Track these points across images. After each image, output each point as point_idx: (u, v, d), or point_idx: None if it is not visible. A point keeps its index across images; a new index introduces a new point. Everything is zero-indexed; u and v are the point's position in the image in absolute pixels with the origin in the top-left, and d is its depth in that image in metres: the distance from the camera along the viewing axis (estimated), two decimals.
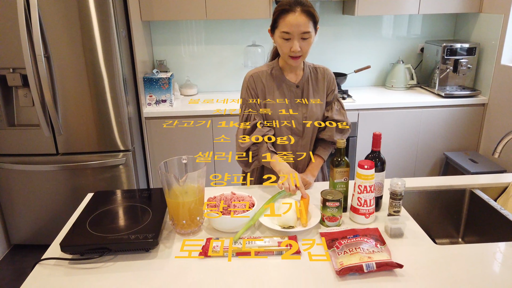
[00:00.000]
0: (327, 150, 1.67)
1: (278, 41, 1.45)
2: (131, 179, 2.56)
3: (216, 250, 1.17)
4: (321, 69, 1.61)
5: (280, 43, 1.45)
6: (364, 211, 1.30)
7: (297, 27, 1.39)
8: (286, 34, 1.41)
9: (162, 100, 2.73)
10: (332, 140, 1.62)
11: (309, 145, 1.63)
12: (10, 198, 2.54)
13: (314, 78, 1.59)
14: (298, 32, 1.40)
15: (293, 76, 1.57)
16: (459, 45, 2.86)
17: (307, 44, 1.44)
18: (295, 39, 1.41)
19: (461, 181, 1.61)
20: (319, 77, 1.60)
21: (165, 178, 1.23)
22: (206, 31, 3.05)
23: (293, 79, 1.57)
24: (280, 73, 1.56)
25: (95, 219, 1.28)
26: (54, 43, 2.24)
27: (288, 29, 1.40)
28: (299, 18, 1.38)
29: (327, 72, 1.61)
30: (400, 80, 3.10)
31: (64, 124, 2.40)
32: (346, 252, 1.12)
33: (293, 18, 1.38)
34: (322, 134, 1.64)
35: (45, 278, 1.10)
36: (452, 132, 2.89)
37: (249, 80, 1.55)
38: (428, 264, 1.12)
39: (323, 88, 1.60)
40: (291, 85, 1.56)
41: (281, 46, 1.45)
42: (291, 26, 1.39)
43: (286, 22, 1.39)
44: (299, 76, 1.57)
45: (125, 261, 1.15)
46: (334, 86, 1.63)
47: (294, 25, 1.39)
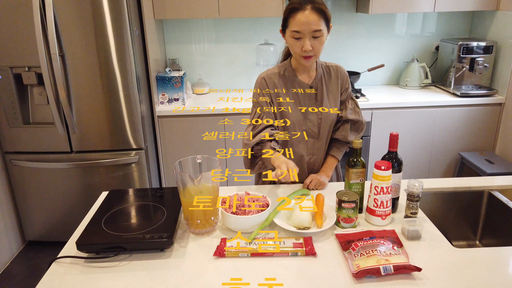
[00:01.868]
0: (341, 150, 1.64)
1: (289, 41, 1.42)
2: (143, 177, 2.57)
3: (230, 250, 1.17)
4: (334, 67, 1.58)
5: (291, 43, 1.42)
6: (381, 212, 1.28)
7: (308, 25, 1.35)
8: (297, 33, 1.38)
9: (174, 98, 2.73)
10: (346, 140, 1.59)
11: (324, 146, 1.61)
12: (25, 195, 2.57)
13: (327, 77, 1.56)
14: (309, 30, 1.36)
15: (306, 76, 1.54)
16: (475, 44, 2.81)
17: (319, 43, 1.40)
18: (306, 38, 1.38)
19: (478, 183, 1.58)
20: (332, 75, 1.57)
21: (180, 177, 1.23)
22: (218, 30, 3.05)
23: (306, 80, 1.54)
24: (292, 74, 1.53)
25: (110, 218, 1.28)
26: (69, 42, 2.26)
27: (299, 27, 1.36)
28: (309, 16, 1.35)
29: (340, 70, 1.58)
30: (415, 79, 3.05)
31: (78, 122, 2.42)
32: (363, 254, 1.10)
33: (303, 16, 1.35)
34: (336, 134, 1.61)
35: (61, 276, 1.10)
36: (467, 132, 2.84)
37: (261, 82, 1.53)
38: (447, 267, 1.09)
39: (336, 87, 1.57)
40: (305, 86, 1.53)
41: (293, 45, 1.42)
42: (301, 24, 1.36)
43: (297, 21, 1.36)
44: (312, 77, 1.54)
45: (140, 260, 1.15)
46: (348, 84, 1.60)
47: (305, 23, 1.35)
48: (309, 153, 1.59)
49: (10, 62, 2.29)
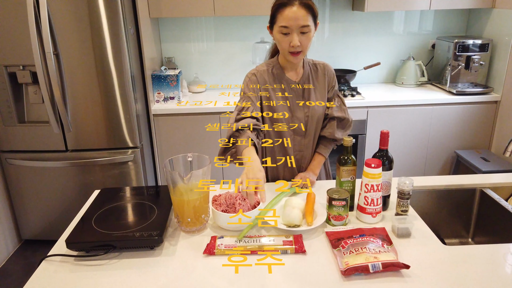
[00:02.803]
0: (328, 147, 1.65)
1: (277, 37, 1.42)
2: (139, 176, 2.57)
3: (220, 248, 1.17)
4: (321, 65, 1.58)
5: (279, 39, 1.41)
6: (371, 210, 1.28)
7: (296, 20, 1.35)
8: (285, 29, 1.37)
9: (170, 97, 2.73)
10: (333, 137, 1.60)
11: (311, 143, 1.62)
12: (21, 194, 2.57)
13: (314, 74, 1.56)
14: (297, 26, 1.36)
15: (293, 74, 1.54)
16: (471, 41, 2.81)
17: (306, 38, 1.40)
18: (294, 33, 1.37)
19: (471, 180, 1.58)
20: (319, 73, 1.57)
21: (170, 175, 1.23)
22: (214, 28, 3.05)
23: (293, 77, 1.54)
24: (280, 71, 1.53)
25: (100, 216, 1.28)
26: (63, 41, 2.26)
27: (287, 23, 1.36)
28: (297, 11, 1.35)
29: (327, 68, 1.58)
30: (411, 77, 3.05)
31: (73, 121, 2.42)
32: (352, 252, 1.10)
33: (291, 12, 1.35)
34: (323, 131, 1.62)
35: (51, 274, 1.10)
36: (463, 130, 2.84)
37: (251, 77, 1.52)
38: (436, 264, 1.10)
39: (323, 84, 1.57)
40: (292, 83, 1.53)
41: (280, 41, 1.41)
42: (289, 20, 1.35)
43: (284, 16, 1.36)
44: (300, 74, 1.54)
45: (130, 258, 1.16)
46: (335, 81, 1.60)
47: (293, 18, 1.35)
48: (296, 149, 1.59)
49: (4, 61, 2.29)
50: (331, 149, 1.66)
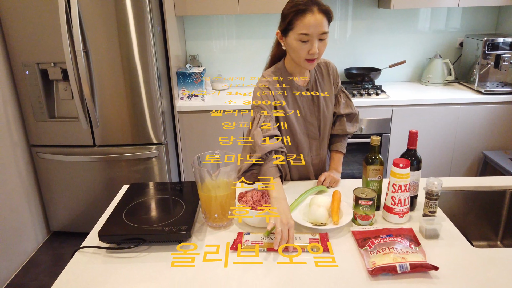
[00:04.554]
0: (343, 142, 1.65)
1: (294, 44, 1.36)
2: (163, 172, 2.62)
3: (247, 244, 1.18)
4: (324, 64, 1.57)
5: (297, 46, 1.35)
6: (398, 210, 1.27)
7: (316, 27, 1.31)
8: (305, 36, 1.32)
9: (194, 94, 2.77)
10: (346, 133, 1.62)
11: (326, 145, 1.63)
12: (50, 187, 2.66)
13: (320, 76, 1.55)
14: (317, 32, 1.32)
15: (301, 79, 1.51)
16: (501, 39, 2.73)
17: (324, 45, 1.36)
18: (314, 40, 1.33)
19: (501, 182, 1.54)
20: (324, 73, 1.56)
21: (198, 172, 1.25)
22: (238, 26, 3.06)
23: (301, 83, 1.51)
24: (289, 79, 1.50)
25: (130, 210, 1.32)
26: (93, 39, 2.32)
27: (307, 30, 1.31)
28: (318, 17, 1.30)
29: (330, 66, 1.57)
30: (437, 76, 2.99)
31: (101, 117, 2.48)
32: (379, 252, 1.10)
33: (312, 19, 1.30)
34: (335, 129, 1.63)
35: (84, 264, 1.15)
36: (491, 130, 2.77)
37: (262, 89, 1.46)
38: (464, 267, 1.08)
39: (329, 83, 1.57)
40: (301, 89, 1.51)
41: (298, 49, 1.36)
42: (310, 27, 1.30)
43: (305, 23, 1.31)
44: (307, 79, 1.52)
45: (159, 252, 1.18)
46: (338, 78, 1.61)
47: (314, 25, 1.30)
48: (313, 154, 1.60)
49: (36, 58, 2.37)
50: (346, 142, 1.67)
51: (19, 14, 2.27)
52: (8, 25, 2.30)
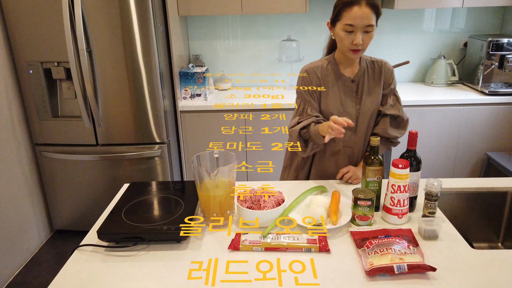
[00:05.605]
0: (381, 148, 1.63)
1: (340, 34, 1.44)
2: (165, 171, 2.63)
3: (245, 244, 1.18)
4: (379, 62, 1.59)
5: (342, 36, 1.44)
6: (397, 211, 1.27)
7: (362, 19, 1.38)
8: (350, 27, 1.40)
9: (197, 94, 2.78)
10: (386, 135, 1.60)
11: (362, 140, 1.62)
12: (53, 186, 2.67)
13: (371, 72, 1.57)
14: (362, 25, 1.39)
15: (349, 70, 1.56)
16: (506, 40, 2.71)
17: (369, 37, 1.43)
18: (359, 32, 1.40)
19: (502, 183, 1.53)
20: (376, 71, 1.58)
21: (197, 171, 1.26)
22: (241, 26, 3.07)
23: (348, 74, 1.56)
24: (336, 68, 1.56)
25: (130, 209, 1.33)
26: (96, 38, 2.33)
27: (353, 21, 1.39)
28: (364, 10, 1.38)
29: (385, 66, 1.59)
30: (441, 76, 2.98)
31: (103, 116, 2.49)
32: (377, 252, 1.10)
33: (359, 11, 1.38)
34: (376, 128, 1.63)
35: (83, 263, 1.15)
36: (495, 131, 2.75)
37: (304, 74, 1.57)
38: (463, 268, 1.08)
39: (379, 82, 1.58)
40: (346, 80, 1.55)
41: (343, 39, 1.44)
42: (355, 18, 1.38)
43: (352, 15, 1.38)
44: (355, 71, 1.56)
45: (157, 250, 1.19)
46: (392, 79, 1.60)
47: (359, 17, 1.38)
48: (346, 145, 1.61)
49: (40, 58, 2.38)
50: (385, 149, 1.67)
51: (23, 14, 2.29)
52: (12, 25, 2.32)
